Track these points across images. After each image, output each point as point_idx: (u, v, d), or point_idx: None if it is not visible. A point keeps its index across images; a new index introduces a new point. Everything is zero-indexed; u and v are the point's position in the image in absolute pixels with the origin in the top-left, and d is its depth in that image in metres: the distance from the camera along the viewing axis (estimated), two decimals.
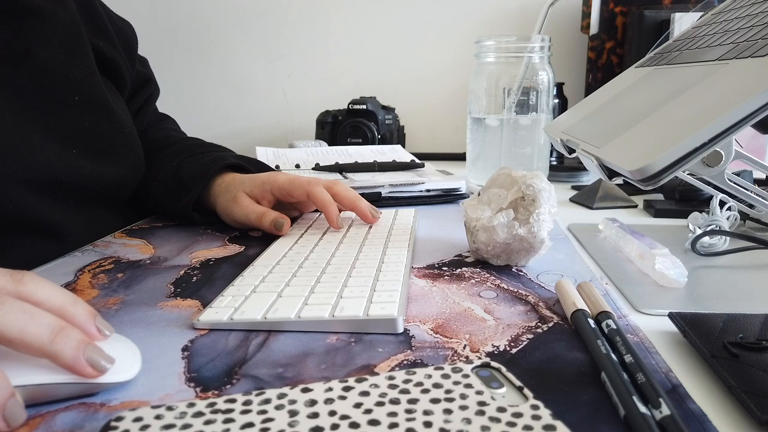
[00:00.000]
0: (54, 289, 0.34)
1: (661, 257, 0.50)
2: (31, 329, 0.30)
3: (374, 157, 1.01)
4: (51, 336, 0.31)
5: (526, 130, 0.93)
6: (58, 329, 0.31)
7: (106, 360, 0.32)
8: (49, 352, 0.30)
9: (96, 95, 0.65)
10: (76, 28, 0.65)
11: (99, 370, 0.31)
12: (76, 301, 0.34)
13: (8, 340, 0.30)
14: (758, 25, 0.42)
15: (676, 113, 0.38)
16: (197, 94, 1.48)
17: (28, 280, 0.33)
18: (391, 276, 0.48)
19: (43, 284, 0.33)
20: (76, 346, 0.31)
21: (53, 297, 0.33)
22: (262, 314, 0.41)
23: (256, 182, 0.66)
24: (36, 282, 0.33)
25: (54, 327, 0.31)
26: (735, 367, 0.33)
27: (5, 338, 0.30)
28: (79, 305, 0.34)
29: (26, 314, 0.31)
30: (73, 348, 0.31)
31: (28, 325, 0.30)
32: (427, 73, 1.43)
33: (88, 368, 0.31)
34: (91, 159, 0.63)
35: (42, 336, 0.30)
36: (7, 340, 0.30)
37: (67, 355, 0.31)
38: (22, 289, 0.32)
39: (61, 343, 0.31)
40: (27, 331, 0.30)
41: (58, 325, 0.31)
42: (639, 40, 1.17)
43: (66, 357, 0.31)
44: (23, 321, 0.30)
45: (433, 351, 0.37)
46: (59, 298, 0.33)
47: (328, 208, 0.62)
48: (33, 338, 0.30)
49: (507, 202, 0.53)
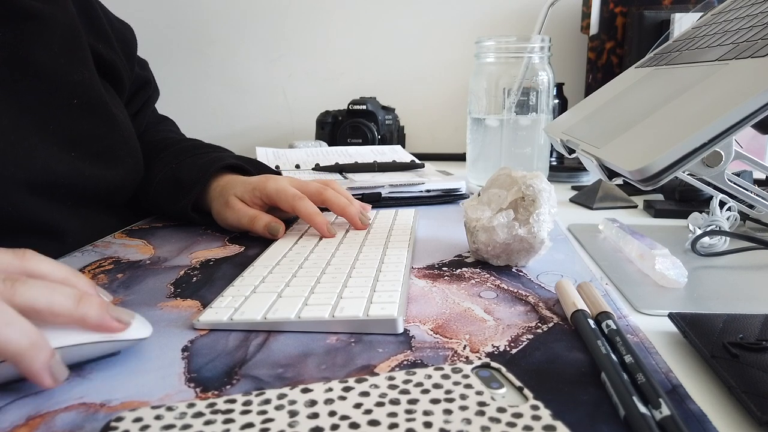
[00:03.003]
0: (54, 264, 0.37)
1: (661, 257, 0.50)
2: (56, 299, 0.34)
3: (374, 158, 1.01)
4: (75, 303, 0.34)
5: (526, 131, 0.93)
6: (79, 296, 0.34)
7: (127, 315, 0.36)
8: (77, 317, 0.34)
9: (95, 98, 0.65)
10: (75, 31, 0.65)
11: (124, 323, 0.35)
12: (75, 273, 0.38)
13: (38, 311, 0.33)
14: (758, 25, 0.42)
15: (676, 113, 0.38)
16: (197, 94, 1.48)
17: (30, 257, 0.36)
18: (391, 276, 0.48)
19: (43, 259, 0.37)
20: (98, 307, 0.35)
21: (56, 271, 0.36)
22: (262, 314, 0.41)
23: (246, 187, 0.65)
24: (37, 258, 0.36)
25: (74, 295, 0.34)
26: (735, 368, 0.33)
27: (35, 310, 0.33)
28: (80, 277, 0.38)
29: (48, 288, 0.34)
30: (96, 309, 0.34)
31: (52, 296, 0.34)
32: (427, 73, 1.43)
33: (114, 323, 0.35)
34: (91, 161, 0.63)
35: (67, 303, 0.34)
36: (37, 312, 0.33)
37: (94, 316, 0.34)
38: (26, 264, 0.36)
39: (85, 307, 0.34)
40: (53, 301, 0.33)
41: (77, 293, 0.35)
42: (639, 40, 1.17)
43: (93, 317, 0.34)
44: (48, 293, 0.33)
45: (433, 351, 0.37)
46: (61, 271, 0.37)
47: (314, 221, 0.61)
48: (60, 307, 0.33)
49: (507, 202, 0.53)
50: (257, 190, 0.65)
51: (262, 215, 0.64)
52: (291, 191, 0.63)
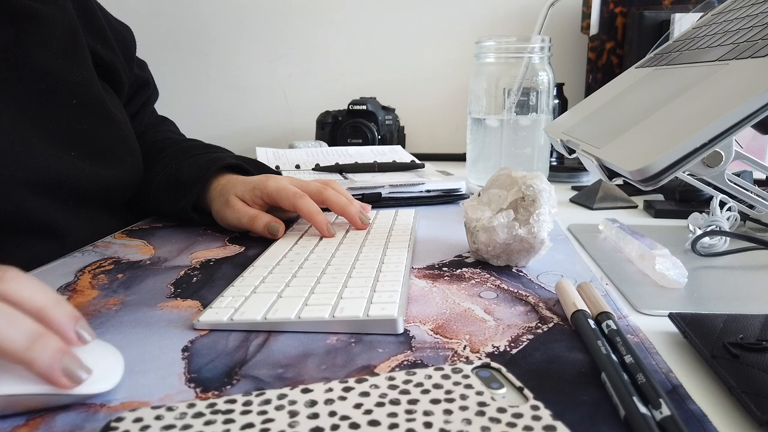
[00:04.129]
0: (37, 289, 0.32)
1: (661, 258, 0.50)
2: (7, 334, 0.29)
3: (374, 158, 1.01)
4: (28, 342, 0.29)
5: (526, 131, 0.93)
6: (36, 336, 0.30)
7: (83, 370, 0.31)
8: (25, 359, 0.29)
9: (94, 98, 0.65)
10: (75, 32, 0.65)
11: (74, 381, 0.30)
12: (58, 302, 0.32)
13: None
14: (758, 25, 0.42)
15: (676, 114, 0.38)
16: (197, 94, 1.48)
17: (10, 278, 0.32)
18: (391, 276, 0.48)
19: (25, 283, 0.32)
20: (53, 354, 0.30)
21: (35, 297, 0.32)
22: (262, 315, 0.41)
23: (247, 186, 0.65)
24: (18, 280, 0.32)
25: (31, 333, 0.30)
26: (735, 368, 0.33)
27: None
28: (61, 307, 0.32)
29: (4, 318, 0.30)
30: (49, 356, 0.30)
31: (4, 330, 0.29)
32: (427, 73, 1.43)
33: (63, 378, 0.30)
34: (90, 161, 0.64)
35: (18, 342, 0.29)
36: None
37: (43, 364, 0.29)
38: (2, 287, 0.31)
39: (37, 350, 0.29)
40: (3, 336, 0.29)
41: (36, 332, 0.30)
42: (639, 40, 1.17)
43: (41, 365, 0.29)
44: (2, 326, 0.29)
45: (433, 351, 0.37)
46: (41, 298, 0.32)
47: (314, 219, 0.61)
48: (9, 344, 0.29)
49: (507, 202, 0.53)
50: (257, 190, 0.65)
51: (262, 215, 0.64)
52: (292, 189, 0.63)
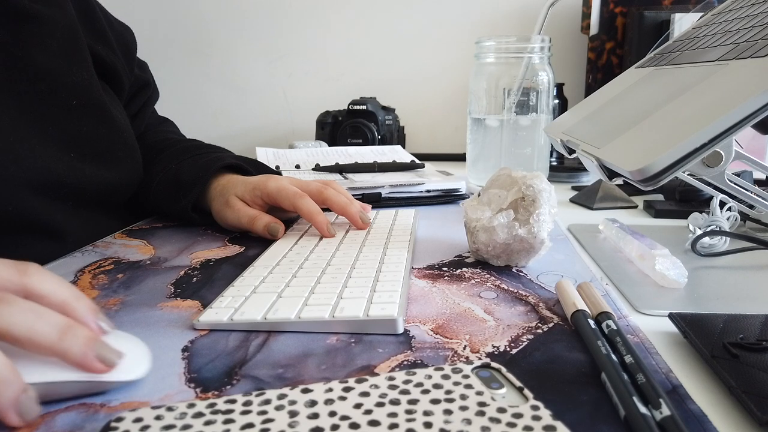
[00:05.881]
0: (59, 283, 0.34)
1: (661, 258, 0.50)
2: (38, 328, 0.30)
3: (374, 158, 1.01)
4: (59, 334, 0.31)
5: (526, 131, 0.93)
6: (66, 327, 0.31)
7: (115, 355, 0.32)
8: (58, 350, 0.31)
9: (94, 99, 0.65)
10: (75, 32, 0.65)
11: (108, 365, 0.32)
12: (79, 296, 0.34)
13: (17, 340, 0.30)
14: (758, 25, 0.42)
15: (676, 114, 0.38)
16: (197, 94, 1.48)
17: (33, 272, 0.33)
18: (391, 276, 0.48)
19: (47, 277, 0.33)
20: (84, 342, 0.31)
21: (58, 291, 0.33)
22: (262, 315, 0.41)
23: (247, 186, 0.65)
24: (40, 275, 0.33)
25: (61, 325, 0.31)
26: (735, 368, 0.33)
27: (14, 337, 0.30)
28: (82, 301, 0.34)
29: (34, 313, 0.31)
30: (81, 345, 0.31)
31: (36, 323, 0.30)
32: (427, 73, 1.43)
33: (97, 363, 0.31)
34: (90, 162, 0.64)
35: (50, 334, 0.31)
36: (16, 339, 0.30)
37: (76, 352, 0.31)
38: (26, 281, 0.33)
39: (69, 340, 0.31)
40: (35, 329, 0.30)
41: (65, 324, 0.31)
42: (639, 40, 1.17)
43: (75, 354, 0.31)
44: (31, 320, 0.30)
45: (433, 351, 0.37)
46: (63, 292, 0.33)
47: (315, 219, 0.61)
48: (41, 337, 0.30)
49: (507, 202, 0.53)
50: (258, 190, 0.65)
51: (262, 215, 0.64)
52: (292, 189, 0.63)
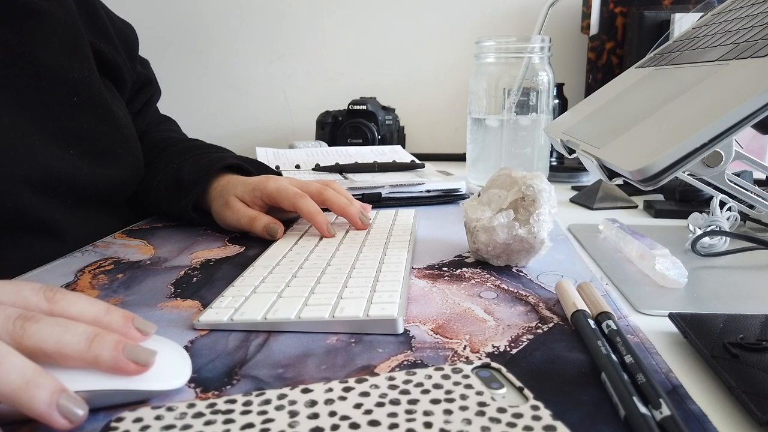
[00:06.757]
0: (86, 303, 0.33)
1: (661, 258, 0.50)
2: (66, 340, 0.30)
3: (374, 158, 1.01)
4: (87, 342, 0.30)
5: (526, 131, 0.93)
6: (94, 335, 0.31)
7: (148, 353, 0.31)
8: (89, 358, 0.30)
9: (95, 96, 0.65)
10: (76, 29, 0.65)
11: (142, 364, 0.31)
12: (109, 309, 0.33)
13: (47, 355, 0.30)
14: (758, 25, 0.42)
15: (676, 114, 0.38)
16: (197, 94, 1.48)
17: (60, 298, 0.33)
18: (391, 276, 0.48)
19: (74, 300, 0.33)
20: (113, 346, 0.31)
21: (86, 311, 0.33)
22: (262, 315, 0.41)
23: (247, 187, 0.65)
24: (68, 299, 0.33)
25: (89, 334, 0.31)
26: (735, 368, 0.33)
27: (43, 353, 0.30)
28: (114, 313, 0.33)
29: (60, 327, 0.30)
30: (110, 349, 0.31)
31: (63, 336, 0.30)
32: (427, 73, 1.43)
33: (131, 365, 0.31)
34: (90, 159, 0.63)
35: (78, 344, 0.30)
36: (46, 355, 0.30)
37: (107, 357, 0.30)
38: (54, 307, 0.32)
39: (97, 347, 0.30)
40: (63, 342, 0.30)
41: (93, 332, 0.31)
42: (639, 40, 1.17)
43: (106, 359, 0.30)
44: (58, 333, 0.30)
45: (433, 351, 0.37)
46: (92, 310, 0.33)
47: (315, 219, 0.61)
48: (69, 348, 0.30)
49: (507, 202, 0.53)
50: (257, 190, 0.65)
51: (261, 216, 0.64)
52: (292, 190, 0.63)
